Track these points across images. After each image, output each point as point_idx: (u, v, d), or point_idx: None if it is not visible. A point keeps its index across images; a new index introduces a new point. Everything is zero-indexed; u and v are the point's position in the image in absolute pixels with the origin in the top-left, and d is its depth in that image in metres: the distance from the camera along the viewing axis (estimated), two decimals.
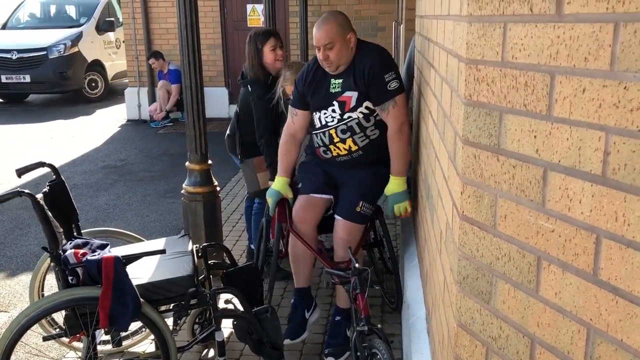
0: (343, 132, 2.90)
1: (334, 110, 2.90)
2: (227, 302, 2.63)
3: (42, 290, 2.98)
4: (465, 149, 1.39)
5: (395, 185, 2.87)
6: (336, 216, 2.97)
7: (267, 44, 3.60)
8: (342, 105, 2.88)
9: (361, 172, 2.96)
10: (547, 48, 1.11)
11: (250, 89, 3.63)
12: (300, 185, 3.09)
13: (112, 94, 12.12)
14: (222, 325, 2.57)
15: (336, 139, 2.92)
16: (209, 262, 2.87)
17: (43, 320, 2.78)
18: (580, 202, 1.07)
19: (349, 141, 2.90)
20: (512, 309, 1.29)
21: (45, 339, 2.55)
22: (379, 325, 2.36)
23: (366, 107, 2.85)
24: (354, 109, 2.86)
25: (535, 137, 1.17)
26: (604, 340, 1.04)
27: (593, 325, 1.06)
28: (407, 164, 2.93)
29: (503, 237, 1.30)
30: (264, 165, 3.63)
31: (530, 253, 1.22)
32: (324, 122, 2.95)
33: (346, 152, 2.93)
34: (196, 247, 2.83)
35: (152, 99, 9.76)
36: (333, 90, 2.89)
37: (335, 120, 2.90)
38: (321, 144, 3.00)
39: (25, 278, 4.01)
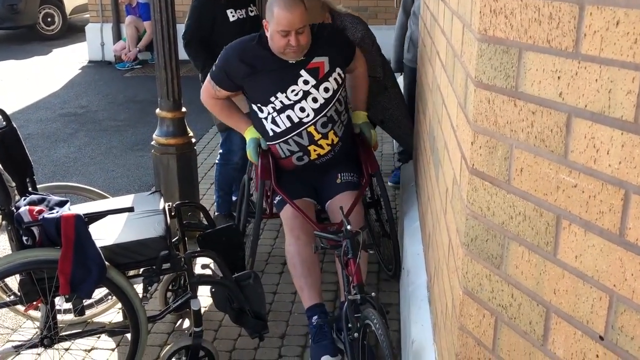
0: (324, 125, 2.92)
1: (305, 83, 2.86)
2: (204, 267, 2.64)
3: None
4: (477, 93, 1.37)
5: (364, 116, 3.22)
6: (326, 206, 3.06)
7: None
8: (314, 72, 2.88)
9: (339, 165, 3.07)
10: None
11: None
12: (276, 201, 3.04)
13: (71, 31, 11.88)
14: (198, 293, 2.58)
15: (317, 136, 2.92)
16: (184, 222, 2.87)
17: None
18: (608, 153, 1.06)
19: (331, 134, 2.94)
20: (526, 274, 1.30)
21: None
22: (373, 294, 2.38)
23: (338, 74, 2.95)
24: (328, 75, 2.90)
25: (559, 78, 1.15)
26: (628, 308, 1.04)
27: (617, 292, 1.07)
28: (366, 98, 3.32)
29: (518, 194, 1.29)
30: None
31: (549, 211, 1.21)
32: (296, 120, 2.89)
33: (329, 148, 2.97)
34: (169, 205, 2.82)
35: (118, 36, 9.57)
36: (294, 62, 2.85)
37: (312, 114, 2.88)
38: (296, 149, 2.96)
39: None
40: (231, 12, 3.75)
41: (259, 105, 2.93)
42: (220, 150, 3.92)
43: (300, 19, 2.71)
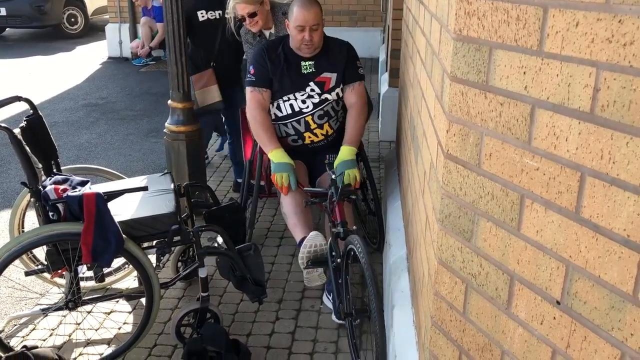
0: (320, 117, 2.98)
1: (312, 90, 2.92)
2: (210, 239, 2.64)
3: (23, 227, 2.95)
4: (452, 86, 1.36)
5: (347, 153, 2.84)
6: (317, 183, 3.05)
7: None
8: (321, 85, 2.94)
9: (329, 149, 3.05)
10: None
11: None
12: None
13: (93, 30, 11.74)
14: (205, 263, 2.58)
15: (313, 126, 2.97)
16: (192, 200, 2.86)
17: (24, 256, 2.78)
18: (567, 139, 1.05)
19: (326, 126, 3.00)
20: (493, 247, 1.30)
21: (27, 274, 2.55)
22: (355, 227, 2.41)
23: (341, 89, 2.98)
24: (332, 89, 2.95)
25: (524, 73, 1.14)
26: (582, 276, 1.05)
27: (572, 262, 1.07)
28: (360, 137, 2.96)
29: (487, 176, 1.29)
30: (201, 82, 3.80)
31: (514, 191, 1.21)
32: (297, 109, 2.94)
33: (323, 137, 3.02)
34: (179, 185, 2.81)
35: (134, 35, 9.47)
36: (306, 72, 2.92)
37: (311, 107, 2.93)
38: (292, 133, 3.00)
39: (5, 215, 3.97)
40: (201, 13, 3.79)
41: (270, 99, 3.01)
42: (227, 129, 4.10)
43: (315, 17, 2.80)
